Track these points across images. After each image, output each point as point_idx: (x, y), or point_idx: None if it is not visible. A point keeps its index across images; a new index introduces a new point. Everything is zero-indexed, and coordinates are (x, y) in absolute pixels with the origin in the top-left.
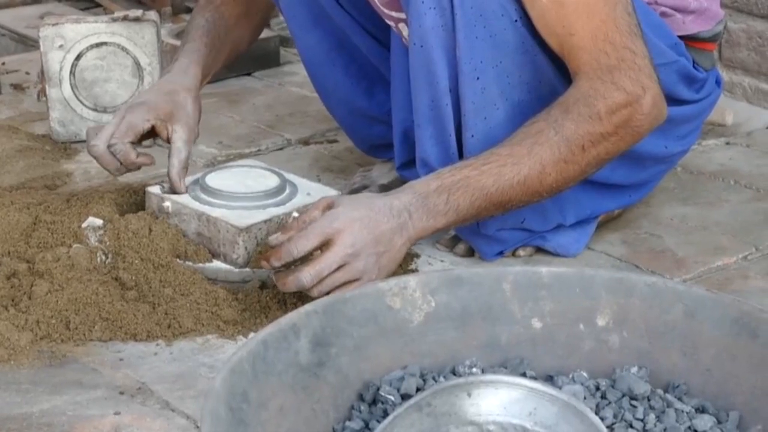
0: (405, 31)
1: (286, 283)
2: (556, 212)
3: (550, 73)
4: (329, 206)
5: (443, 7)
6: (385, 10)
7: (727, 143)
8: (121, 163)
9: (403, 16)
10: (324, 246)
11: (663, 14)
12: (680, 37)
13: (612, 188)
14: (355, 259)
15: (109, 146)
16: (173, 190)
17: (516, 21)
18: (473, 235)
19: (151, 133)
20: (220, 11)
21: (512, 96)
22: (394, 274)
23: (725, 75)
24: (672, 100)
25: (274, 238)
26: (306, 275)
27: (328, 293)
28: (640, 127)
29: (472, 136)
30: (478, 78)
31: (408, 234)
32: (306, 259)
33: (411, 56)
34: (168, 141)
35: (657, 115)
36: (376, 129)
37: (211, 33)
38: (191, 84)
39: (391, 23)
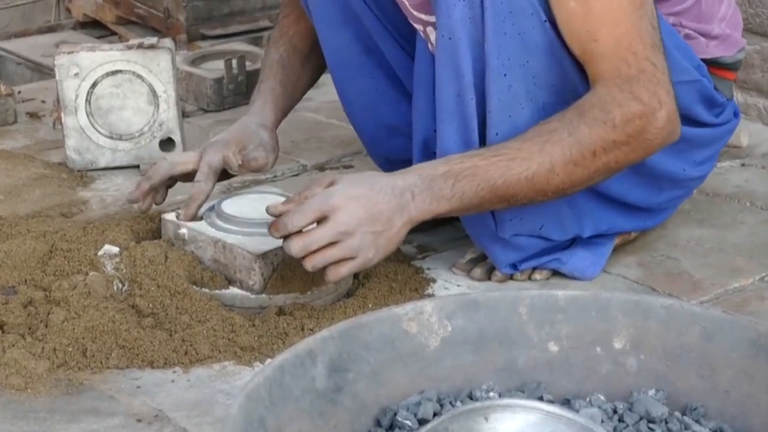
0: (433, 36)
1: (285, 248)
2: (574, 222)
3: (576, 79)
4: (331, 183)
5: (473, 0)
6: (415, 13)
7: (743, 165)
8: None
9: (432, 19)
10: (320, 222)
11: (687, 36)
12: (702, 60)
13: (630, 208)
14: (349, 237)
15: (194, 182)
16: (227, 165)
17: (545, 21)
18: (489, 240)
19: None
20: (293, 43)
21: (538, 97)
22: (408, 286)
23: (740, 97)
24: (690, 120)
25: (272, 207)
26: (294, 244)
27: (324, 269)
28: (653, 140)
29: (497, 134)
30: (505, 75)
31: (409, 215)
32: None
33: (438, 49)
34: (241, 168)
35: (671, 131)
36: (396, 140)
37: (286, 68)
38: (265, 121)
39: (419, 26)
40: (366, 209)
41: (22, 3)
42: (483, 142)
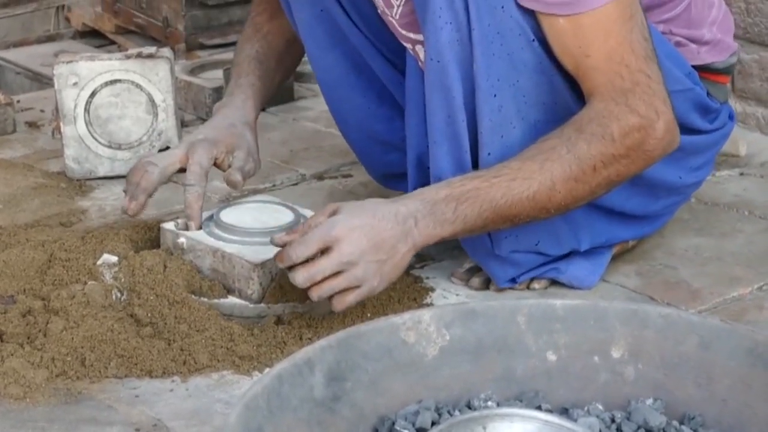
0: (422, 54)
1: (290, 279)
2: (571, 237)
3: (567, 95)
4: (334, 212)
5: (460, 23)
6: (403, 32)
7: (741, 174)
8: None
9: (421, 37)
10: (324, 252)
11: (677, 44)
12: (694, 67)
13: (627, 218)
14: (353, 267)
15: (186, 185)
16: (233, 185)
17: (533, 41)
18: (487, 257)
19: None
20: (268, 40)
21: (529, 116)
22: (407, 295)
23: (738, 106)
24: (685, 128)
25: (277, 238)
26: (299, 275)
27: (329, 299)
28: (653, 151)
29: (489, 154)
30: (495, 95)
31: (413, 240)
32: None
33: (427, 71)
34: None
35: (670, 141)
36: (391, 156)
37: (263, 64)
38: (248, 118)
39: (408, 45)
40: (369, 238)
41: (21, 12)
42: (476, 162)
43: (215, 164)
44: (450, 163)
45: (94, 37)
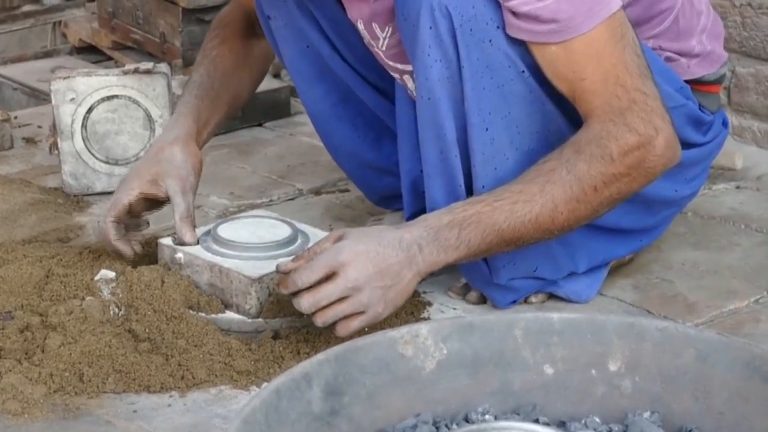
0: (410, 83)
1: (295, 305)
2: (568, 260)
3: (560, 122)
4: (340, 238)
5: (449, 59)
6: (390, 63)
7: (738, 187)
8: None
9: (408, 68)
10: (329, 277)
11: (668, 59)
12: (685, 81)
13: (623, 233)
14: (358, 292)
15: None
16: (183, 243)
17: (523, 71)
18: (486, 284)
19: (153, 204)
20: (215, 63)
21: (522, 145)
22: (404, 309)
23: (734, 119)
24: (680, 143)
25: (282, 265)
26: (304, 301)
27: (334, 324)
28: (654, 168)
29: (483, 186)
30: (486, 129)
31: (418, 267)
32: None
33: (418, 109)
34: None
35: (671, 156)
36: (386, 180)
37: (203, 85)
38: (179, 135)
39: (396, 75)
40: (374, 264)
41: (18, 28)
42: (470, 195)
43: (150, 198)
44: (444, 196)
45: (91, 53)
